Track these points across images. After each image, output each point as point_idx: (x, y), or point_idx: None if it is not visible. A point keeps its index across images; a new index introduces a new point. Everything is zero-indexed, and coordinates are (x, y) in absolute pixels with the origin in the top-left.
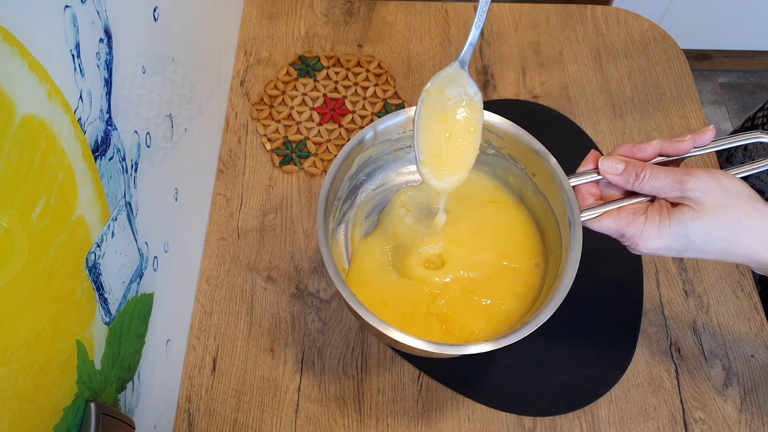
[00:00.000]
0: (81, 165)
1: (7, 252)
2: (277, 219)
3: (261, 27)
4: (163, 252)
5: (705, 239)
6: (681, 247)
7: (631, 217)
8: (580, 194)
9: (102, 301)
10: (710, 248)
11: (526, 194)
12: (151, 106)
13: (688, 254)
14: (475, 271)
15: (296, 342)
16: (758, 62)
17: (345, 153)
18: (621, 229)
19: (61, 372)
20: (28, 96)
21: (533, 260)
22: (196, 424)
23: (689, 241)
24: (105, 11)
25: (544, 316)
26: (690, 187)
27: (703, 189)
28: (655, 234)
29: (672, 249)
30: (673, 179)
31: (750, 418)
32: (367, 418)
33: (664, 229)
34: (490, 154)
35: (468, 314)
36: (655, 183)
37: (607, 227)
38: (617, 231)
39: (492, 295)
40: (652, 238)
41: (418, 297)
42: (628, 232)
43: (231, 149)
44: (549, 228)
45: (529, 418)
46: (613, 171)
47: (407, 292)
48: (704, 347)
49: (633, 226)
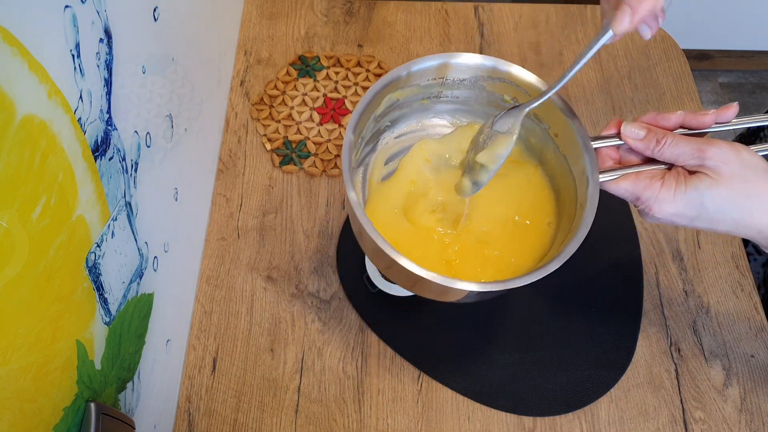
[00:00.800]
0: (81, 165)
1: (7, 252)
2: (277, 219)
3: (261, 27)
4: (163, 252)
5: (719, 208)
6: (694, 214)
7: (648, 181)
8: (600, 156)
9: (102, 301)
10: (723, 218)
11: (545, 155)
12: (151, 106)
13: (699, 223)
14: (487, 225)
15: (296, 342)
16: (758, 62)
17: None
18: (637, 192)
19: (61, 372)
20: (28, 96)
21: (546, 219)
22: (196, 424)
23: (703, 209)
24: (105, 11)
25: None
26: (709, 155)
27: (723, 159)
28: (670, 199)
29: (685, 216)
30: (693, 147)
31: (750, 418)
32: (367, 418)
33: (680, 194)
34: None
35: (477, 264)
36: (675, 150)
37: (624, 189)
38: (633, 194)
39: (502, 248)
40: (666, 202)
41: (429, 244)
42: (644, 195)
43: (231, 149)
44: (565, 189)
45: (529, 418)
46: (634, 136)
47: (419, 239)
48: (704, 347)
49: (649, 190)
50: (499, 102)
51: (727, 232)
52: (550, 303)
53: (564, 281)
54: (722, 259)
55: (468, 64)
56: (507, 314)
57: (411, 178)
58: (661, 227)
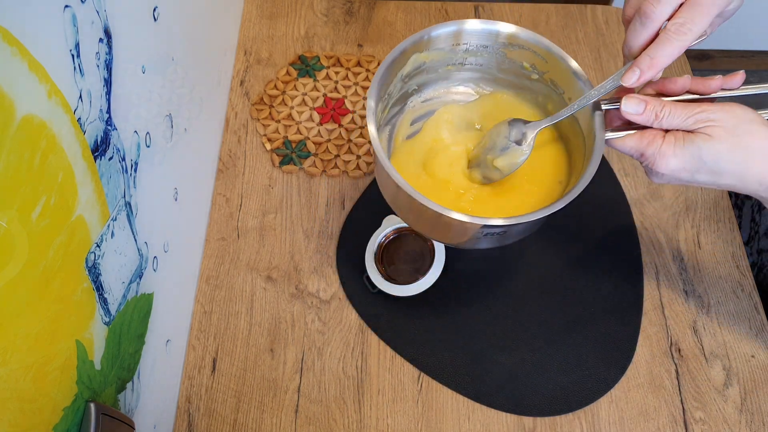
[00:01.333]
0: (81, 165)
1: (7, 252)
2: (277, 219)
3: (261, 27)
4: (163, 252)
5: (716, 161)
6: (695, 167)
7: (651, 138)
8: (608, 117)
9: (102, 301)
10: (722, 170)
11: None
12: (150, 106)
13: (702, 176)
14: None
15: (296, 342)
16: (758, 62)
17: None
18: (641, 148)
19: (60, 372)
20: (27, 96)
21: (558, 178)
22: (195, 424)
23: (702, 162)
24: (105, 11)
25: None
26: (703, 118)
27: (716, 120)
28: (671, 153)
29: (686, 170)
30: (689, 113)
31: (750, 418)
32: (366, 418)
33: (679, 148)
34: (534, 80)
35: (490, 212)
36: (672, 121)
37: (629, 146)
38: (638, 150)
39: (514, 199)
40: (668, 156)
41: (445, 194)
42: (648, 151)
43: (231, 149)
44: (576, 149)
45: (529, 418)
46: (633, 111)
47: (436, 190)
48: (704, 347)
49: (652, 146)
50: (519, 70)
51: (731, 186)
52: (550, 303)
53: (564, 281)
54: (722, 259)
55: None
56: (507, 314)
57: (434, 137)
58: (661, 227)
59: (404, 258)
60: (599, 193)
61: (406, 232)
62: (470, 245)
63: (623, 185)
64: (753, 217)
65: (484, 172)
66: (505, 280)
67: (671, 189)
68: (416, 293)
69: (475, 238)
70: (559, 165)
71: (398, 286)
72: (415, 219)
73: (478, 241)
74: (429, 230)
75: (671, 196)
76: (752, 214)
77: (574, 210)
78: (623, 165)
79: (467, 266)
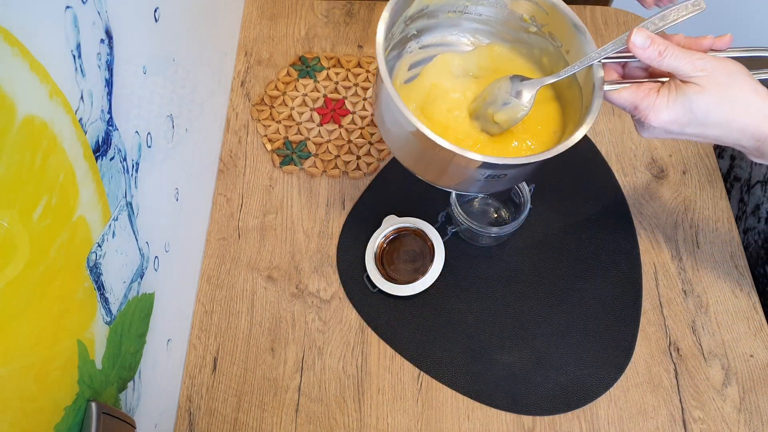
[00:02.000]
0: (82, 165)
1: (9, 252)
2: (278, 219)
3: (261, 27)
4: (164, 252)
5: (705, 112)
6: (686, 120)
7: (646, 91)
8: (606, 70)
9: (103, 301)
10: (710, 121)
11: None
12: (152, 107)
13: (691, 128)
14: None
15: (296, 341)
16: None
17: None
18: (636, 101)
19: (62, 372)
20: (29, 97)
21: (553, 129)
22: (196, 423)
23: (692, 114)
24: (106, 12)
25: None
26: (700, 66)
27: (709, 69)
28: (664, 106)
29: (677, 122)
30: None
31: (749, 417)
32: (367, 417)
33: (672, 101)
34: (532, 32)
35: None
36: (674, 62)
37: (624, 98)
38: (632, 103)
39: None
40: (661, 110)
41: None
42: (642, 104)
43: (231, 149)
44: (571, 100)
45: (528, 418)
46: (640, 44)
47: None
48: (703, 347)
49: (647, 99)
50: (518, 22)
51: (716, 136)
52: (550, 303)
53: (563, 280)
54: (721, 258)
55: None
56: (506, 313)
57: (432, 82)
58: (660, 227)
59: (404, 258)
60: (598, 193)
61: (406, 232)
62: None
63: (622, 185)
64: (741, 197)
65: (483, 125)
66: (505, 279)
67: (670, 189)
68: (416, 293)
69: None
70: (554, 118)
71: (398, 285)
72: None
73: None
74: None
75: (670, 196)
76: (741, 195)
77: (573, 210)
78: (622, 165)
79: (467, 266)
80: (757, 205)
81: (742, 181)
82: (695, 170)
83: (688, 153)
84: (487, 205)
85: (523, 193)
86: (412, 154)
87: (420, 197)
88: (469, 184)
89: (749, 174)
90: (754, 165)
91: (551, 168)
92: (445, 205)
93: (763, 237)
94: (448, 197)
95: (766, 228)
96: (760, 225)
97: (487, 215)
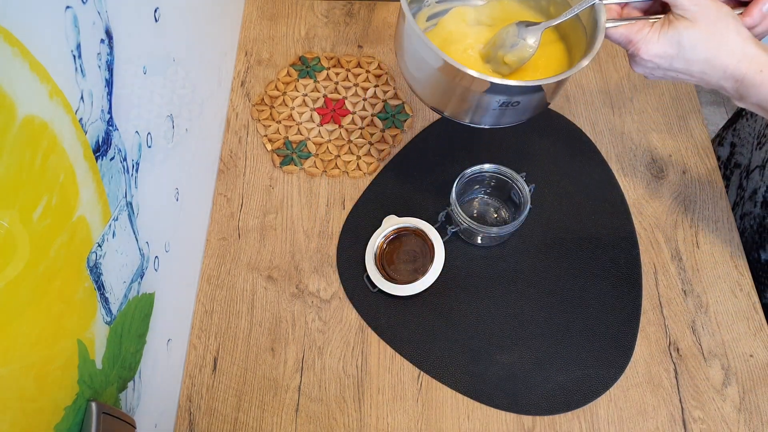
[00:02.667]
0: (82, 165)
1: (9, 252)
2: (278, 219)
3: (261, 28)
4: (164, 252)
5: (693, 47)
6: (674, 53)
7: (641, 26)
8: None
9: (103, 301)
10: (696, 57)
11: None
12: (152, 107)
13: (677, 63)
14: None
15: (296, 341)
16: None
17: None
18: (630, 35)
19: (62, 371)
20: (29, 97)
21: (559, 68)
22: (196, 423)
23: (680, 47)
24: (106, 12)
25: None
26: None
27: (702, 5)
28: (655, 39)
29: (666, 55)
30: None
31: (749, 417)
32: (367, 417)
33: (663, 34)
34: None
35: None
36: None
37: (620, 33)
38: (627, 37)
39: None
40: (652, 43)
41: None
42: (636, 38)
43: (232, 149)
44: (576, 44)
45: (528, 417)
46: None
47: None
48: (703, 347)
49: (640, 33)
50: None
51: (700, 73)
52: (550, 303)
53: (563, 280)
54: (721, 258)
55: None
56: (506, 313)
57: (448, 29)
58: (660, 227)
59: (404, 258)
60: (598, 193)
61: (406, 232)
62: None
63: (622, 186)
64: (740, 183)
65: (495, 67)
66: (505, 279)
67: (670, 188)
68: (416, 293)
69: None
70: (560, 59)
71: (398, 285)
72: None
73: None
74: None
75: (670, 196)
76: (740, 181)
77: (573, 210)
78: (622, 165)
79: (467, 266)
80: (755, 190)
81: (742, 167)
82: (695, 170)
83: (688, 153)
84: (487, 205)
85: (523, 193)
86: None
87: (420, 197)
88: (484, 112)
89: (749, 160)
90: (753, 150)
91: (551, 168)
92: (445, 205)
93: (758, 222)
94: (448, 197)
95: (762, 212)
96: (756, 209)
97: (487, 215)
